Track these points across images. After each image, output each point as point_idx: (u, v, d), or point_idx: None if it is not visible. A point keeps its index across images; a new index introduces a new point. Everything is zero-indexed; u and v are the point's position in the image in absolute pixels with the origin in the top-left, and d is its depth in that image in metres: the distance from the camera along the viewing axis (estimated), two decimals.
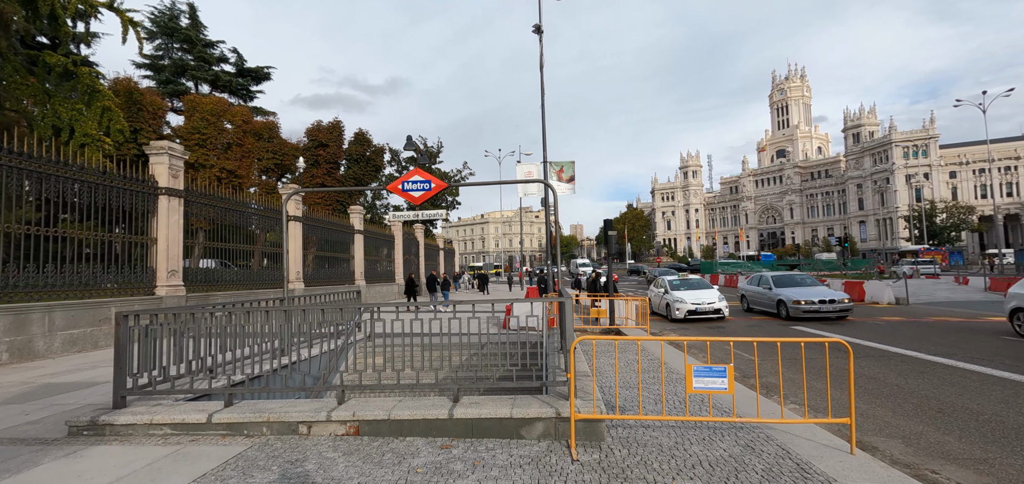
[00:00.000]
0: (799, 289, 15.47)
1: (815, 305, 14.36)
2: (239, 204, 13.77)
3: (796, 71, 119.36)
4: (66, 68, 15.40)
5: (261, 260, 15.84)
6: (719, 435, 4.37)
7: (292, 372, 5.47)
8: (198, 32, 31.63)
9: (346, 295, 9.90)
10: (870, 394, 6.47)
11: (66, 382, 6.53)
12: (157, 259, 10.83)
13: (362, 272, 21.72)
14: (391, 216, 8.63)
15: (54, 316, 8.60)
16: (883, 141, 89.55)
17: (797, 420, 4.32)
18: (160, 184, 10.91)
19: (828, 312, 14.40)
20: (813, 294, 14.85)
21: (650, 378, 6.87)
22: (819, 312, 14.34)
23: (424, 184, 7.43)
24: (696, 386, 4.03)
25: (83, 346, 9.05)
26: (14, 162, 8.17)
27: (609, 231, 13.65)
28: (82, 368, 7.49)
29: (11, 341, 7.94)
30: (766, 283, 16.75)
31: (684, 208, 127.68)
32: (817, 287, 15.93)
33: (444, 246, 40.17)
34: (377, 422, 4.52)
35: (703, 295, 15.71)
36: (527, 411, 4.42)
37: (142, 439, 4.42)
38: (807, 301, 14.47)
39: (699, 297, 15.56)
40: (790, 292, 15.26)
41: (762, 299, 16.64)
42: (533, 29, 15.56)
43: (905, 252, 53.23)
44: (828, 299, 14.45)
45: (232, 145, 23.69)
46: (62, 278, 8.89)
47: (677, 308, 15.36)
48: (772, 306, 15.82)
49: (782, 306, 15.20)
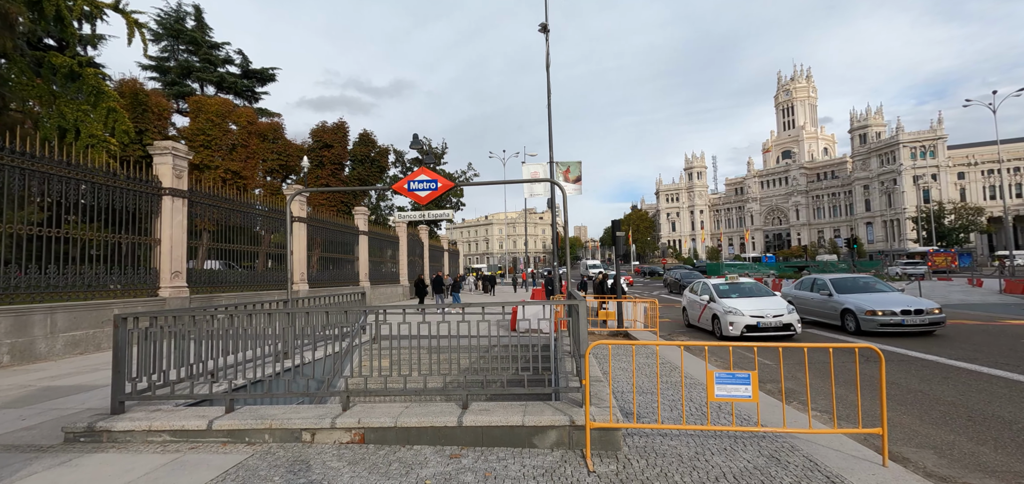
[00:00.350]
0: (871, 296, 12.41)
1: (896, 316, 11.17)
2: (244, 205, 13.67)
3: (802, 72, 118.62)
4: (72, 69, 15.39)
5: (266, 261, 15.74)
6: (742, 445, 4.16)
7: (296, 376, 5.31)
8: (204, 34, 31.69)
9: (351, 296, 9.75)
10: (894, 401, 6.23)
11: (66, 385, 6.40)
12: (161, 260, 10.72)
13: (366, 274, 21.59)
14: (396, 217, 8.51)
15: (56, 317, 8.49)
16: (890, 142, 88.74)
17: (825, 430, 4.11)
18: (164, 184, 10.81)
19: (915, 326, 11.19)
20: (892, 302, 11.69)
21: (665, 384, 6.66)
22: (903, 326, 11.15)
23: (430, 184, 7.26)
24: (718, 393, 3.83)
25: (86, 348, 8.93)
26: (16, 162, 8.08)
27: (617, 232, 13.42)
28: (83, 370, 7.37)
29: (12, 343, 7.83)
30: (823, 288, 13.75)
31: (689, 209, 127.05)
32: (892, 293, 12.84)
33: (449, 247, 40.05)
34: (383, 429, 4.34)
35: (765, 305, 12.07)
36: (539, 419, 4.23)
37: (140, 446, 4.26)
38: (885, 311, 11.33)
39: (761, 307, 11.91)
40: (859, 299, 12.24)
41: (819, 309, 13.54)
42: (539, 28, 15.39)
43: (914, 254, 52.57)
44: (913, 309, 11.30)
45: (237, 146, 23.66)
46: (65, 279, 8.78)
47: (730, 322, 11.79)
48: (834, 317, 12.77)
49: (849, 317, 12.19)
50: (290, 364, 6.13)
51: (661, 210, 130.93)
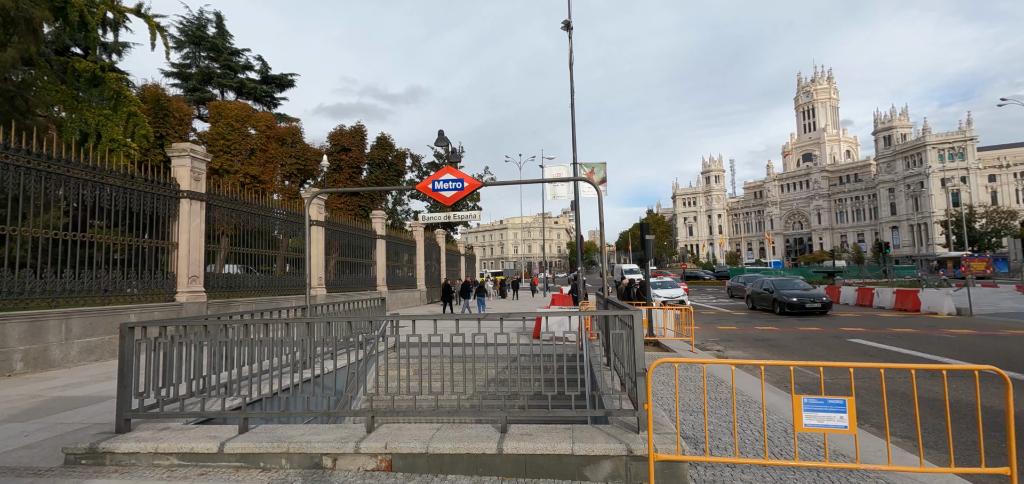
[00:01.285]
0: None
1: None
2: (263, 208, 13.43)
3: (823, 73, 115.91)
4: (94, 73, 15.41)
5: (284, 266, 15.51)
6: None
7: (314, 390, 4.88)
8: (225, 40, 32.00)
9: (370, 302, 9.35)
10: (997, 429, 5.40)
11: (77, 396, 6.08)
12: (178, 264, 10.48)
13: (384, 278, 21.29)
14: (422, 217, 8.04)
15: (71, 323, 8.24)
16: (917, 143, 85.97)
17: (939, 469, 3.48)
18: (181, 187, 10.58)
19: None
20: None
21: (716, 402, 6.05)
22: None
23: (456, 183, 6.82)
24: (808, 423, 3.25)
25: (101, 354, 8.68)
26: (33, 163, 7.87)
27: (646, 235, 12.81)
28: (97, 379, 7.07)
29: (26, 350, 7.59)
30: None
31: (706, 213, 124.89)
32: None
33: (465, 252, 39.68)
34: (413, 456, 3.85)
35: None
36: (591, 447, 3.70)
37: (145, 471, 3.85)
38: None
39: None
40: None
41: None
42: (562, 25, 14.93)
43: (945, 259, 50.43)
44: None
45: (256, 151, 23.63)
46: (80, 284, 8.54)
47: None
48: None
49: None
50: (309, 374, 5.72)
51: (678, 214, 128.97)
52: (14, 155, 7.64)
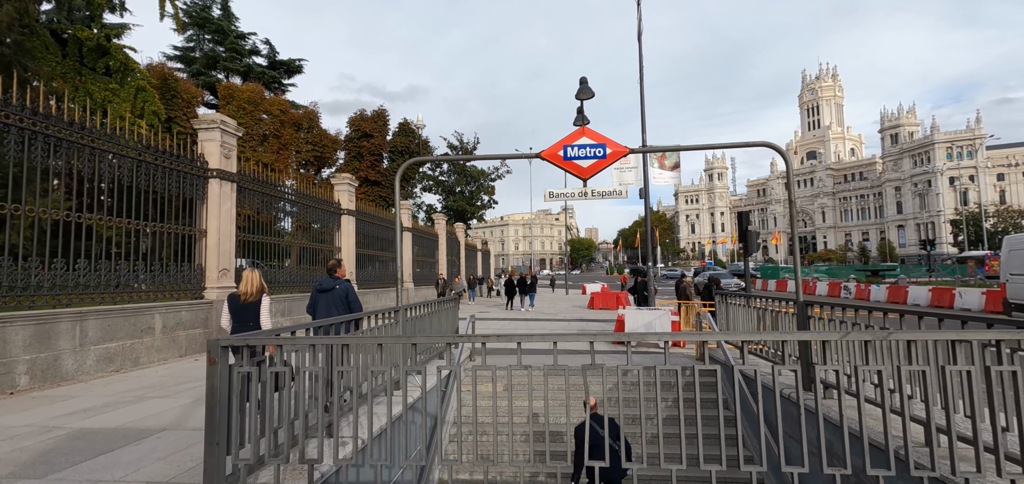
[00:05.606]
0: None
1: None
2: (305, 196, 11.91)
3: (828, 70, 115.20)
4: (99, 43, 13.78)
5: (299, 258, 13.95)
6: None
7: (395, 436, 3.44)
8: (230, 23, 30.25)
9: (444, 305, 7.89)
10: None
11: (106, 428, 4.56)
12: (206, 255, 8.94)
13: (410, 273, 19.81)
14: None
15: (86, 326, 6.71)
16: (925, 141, 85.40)
17: None
18: (210, 165, 9.02)
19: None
20: None
21: None
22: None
23: (596, 149, 5.36)
24: None
25: (121, 364, 7.15)
26: (38, 126, 6.32)
27: (748, 225, 11.40)
28: (125, 399, 5.56)
29: (32, 359, 6.05)
30: None
31: (709, 211, 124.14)
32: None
33: (481, 248, 38.23)
34: None
35: None
36: None
37: None
38: None
39: None
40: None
41: None
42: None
43: (967, 258, 49.53)
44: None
45: (269, 136, 22.04)
46: (97, 277, 7.01)
47: None
48: None
49: None
50: (399, 409, 4.27)
51: (680, 212, 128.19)
52: (16, 114, 6.09)
